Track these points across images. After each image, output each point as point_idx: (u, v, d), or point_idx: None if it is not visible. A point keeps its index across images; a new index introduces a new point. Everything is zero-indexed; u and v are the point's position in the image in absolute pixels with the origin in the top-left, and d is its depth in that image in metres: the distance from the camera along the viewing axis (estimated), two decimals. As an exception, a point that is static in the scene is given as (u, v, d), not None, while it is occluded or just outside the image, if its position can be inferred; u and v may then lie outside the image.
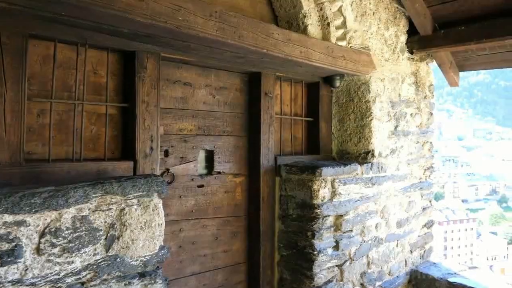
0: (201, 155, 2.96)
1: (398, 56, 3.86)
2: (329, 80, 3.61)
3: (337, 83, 3.61)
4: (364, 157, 3.53)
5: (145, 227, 1.94)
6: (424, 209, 4.25)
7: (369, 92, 3.51)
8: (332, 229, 3.12)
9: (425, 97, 4.22)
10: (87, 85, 2.29)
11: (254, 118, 3.17)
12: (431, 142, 4.36)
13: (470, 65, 4.41)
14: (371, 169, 3.46)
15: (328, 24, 3.26)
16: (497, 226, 74.48)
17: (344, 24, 3.31)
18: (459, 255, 63.61)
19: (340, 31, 3.32)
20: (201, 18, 2.23)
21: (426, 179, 4.27)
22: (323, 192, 3.03)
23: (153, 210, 1.98)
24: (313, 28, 3.24)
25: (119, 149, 2.45)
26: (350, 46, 3.36)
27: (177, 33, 2.20)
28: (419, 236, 4.19)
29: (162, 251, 2.03)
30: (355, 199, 3.30)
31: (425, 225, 4.29)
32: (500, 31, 3.28)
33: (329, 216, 3.08)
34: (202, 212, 2.92)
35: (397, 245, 3.86)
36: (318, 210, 2.99)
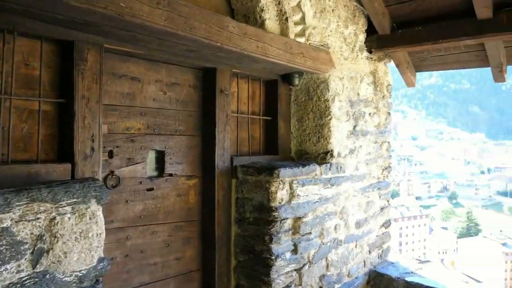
0: (151, 156, 2.74)
1: (357, 55, 3.81)
2: (288, 78, 3.50)
3: (296, 81, 3.51)
4: (323, 157, 3.45)
5: (80, 238, 1.72)
6: (382, 209, 4.24)
7: (328, 90, 3.43)
8: (291, 232, 3.01)
9: (383, 97, 4.21)
10: (17, 78, 2.03)
11: (209, 116, 2.98)
12: (388, 142, 4.36)
13: (426, 66, 4.46)
14: (330, 169, 3.39)
15: (287, 19, 3.14)
16: (448, 221, 78.36)
17: (303, 20, 3.21)
18: (413, 250, 66.24)
19: (299, 27, 3.22)
20: (147, 5, 2.02)
21: (384, 178, 4.26)
22: (281, 194, 2.91)
23: (90, 218, 1.76)
24: (271, 22, 3.11)
25: (55, 150, 2.19)
26: (309, 43, 3.26)
27: (119, 21, 1.98)
28: (377, 236, 4.18)
29: (102, 264, 1.82)
30: (314, 201, 3.20)
31: (383, 225, 4.28)
32: (457, 31, 3.30)
33: (287, 218, 2.96)
34: (152, 217, 2.70)
35: (356, 246, 3.81)
36: (276, 213, 2.86)
